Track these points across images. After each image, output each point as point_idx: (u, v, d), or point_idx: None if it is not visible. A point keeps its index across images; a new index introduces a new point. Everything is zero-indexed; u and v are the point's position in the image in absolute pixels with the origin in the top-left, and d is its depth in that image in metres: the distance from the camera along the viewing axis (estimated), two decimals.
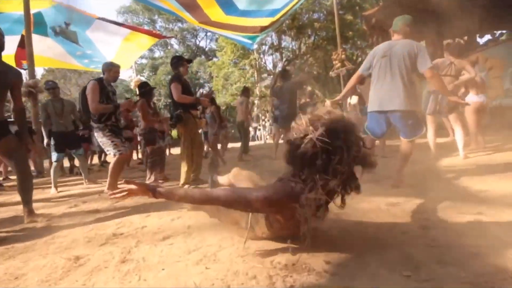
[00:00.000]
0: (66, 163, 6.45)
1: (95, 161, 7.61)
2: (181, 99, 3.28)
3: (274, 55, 19.69)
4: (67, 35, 6.85)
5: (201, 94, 8.79)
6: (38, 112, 5.11)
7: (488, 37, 8.43)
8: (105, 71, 3.20)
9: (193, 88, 24.22)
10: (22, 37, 6.12)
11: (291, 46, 19.32)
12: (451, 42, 4.80)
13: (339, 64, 7.34)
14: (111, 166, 3.12)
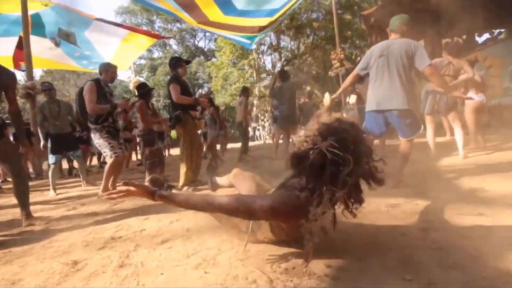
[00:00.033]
0: (65, 165, 6.43)
1: (94, 162, 7.59)
2: (180, 100, 3.27)
3: (273, 55, 19.75)
4: (65, 38, 6.82)
5: (200, 95, 8.78)
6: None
7: (487, 36, 8.46)
8: (102, 71, 3.17)
9: (192, 88, 24.23)
10: (20, 39, 6.09)
11: (290, 46, 19.39)
12: (449, 41, 4.80)
13: (338, 64, 7.32)
14: (107, 168, 3.11)
